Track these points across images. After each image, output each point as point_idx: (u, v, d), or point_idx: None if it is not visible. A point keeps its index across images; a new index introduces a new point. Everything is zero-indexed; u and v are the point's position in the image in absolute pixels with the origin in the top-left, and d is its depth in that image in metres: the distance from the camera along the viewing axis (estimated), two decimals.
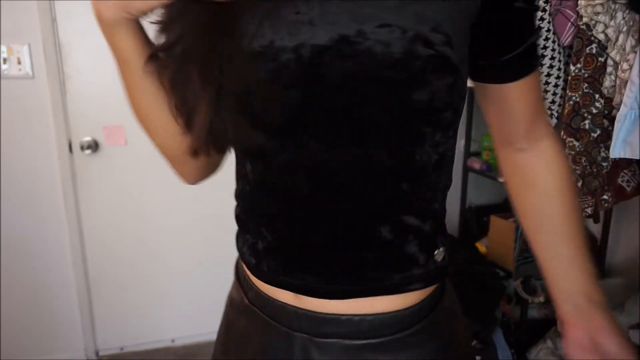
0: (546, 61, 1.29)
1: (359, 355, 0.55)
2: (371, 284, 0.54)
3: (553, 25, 1.26)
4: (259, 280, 0.59)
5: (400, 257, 0.54)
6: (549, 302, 1.84)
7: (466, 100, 2.06)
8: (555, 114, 1.31)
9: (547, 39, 1.28)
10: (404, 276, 0.54)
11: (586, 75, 1.20)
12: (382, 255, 0.53)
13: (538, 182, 0.62)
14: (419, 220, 0.54)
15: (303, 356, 0.56)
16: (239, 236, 0.65)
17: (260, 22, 0.48)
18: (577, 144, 1.24)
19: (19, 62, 2.02)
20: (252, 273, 0.60)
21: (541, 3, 1.27)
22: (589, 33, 1.17)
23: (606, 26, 1.15)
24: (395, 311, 0.55)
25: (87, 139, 2.17)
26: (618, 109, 1.15)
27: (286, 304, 0.57)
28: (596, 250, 1.84)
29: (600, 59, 1.19)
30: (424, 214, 0.54)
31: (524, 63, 0.56)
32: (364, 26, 0.46)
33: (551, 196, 0.62)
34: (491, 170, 2.01)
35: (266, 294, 0.59)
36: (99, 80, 2.13)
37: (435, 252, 0.56)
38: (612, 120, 1.20)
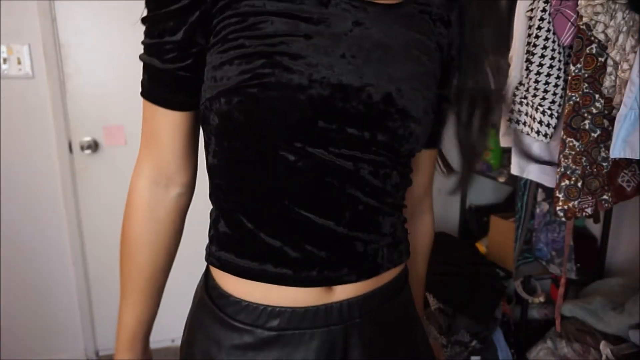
0: (546, 61, 1.29)
1: (387, 317, 0.68)
2: (385, 264, 0.67)
3: (553, 26, 1.26)
4: (301, 288, 0.61)
5: (397, 240, 0.69)
6: (549, 302, 1.84)
7: None
8: (555, 114, 1.31)
9: (547, 39, 1.27)
10: (399, 252, 0.69)
11: (586, 75, 1.20)
12: (389, 241, 0.67)
13: (417, 248, 0.83)
14: (402, 211, 0.70)
15: (343, 345, 0.63)
16: (242, 254, 0.62)
17: (311, 57, 0.54)
18: (577, 144, 1.23)
19: (19, 62, 2.02)
20: (290, 284, 0.61)
21: (541, 3, 1.27)
22: (589, 33, 1.17)
23: (606, 26, 1.15)
24: (397, 275, 0.70)
25: (87, 139, 2.17)
26: (618, 109, 1.15)
27: (328, 303, 0.62)
28: (596, 250, 1.84)
29: (600, 59, 1.19)
30: (403, 205, 0.70)
31: (437, 136, 0.73)
32: (401, 86, 0.58)
33: (422, 259, 0.86)
34: (491, 171, 2.01)
35: (303, 307, 0.61)
36: (99, 80, 2.14)
37: (407, 230, 0.73)
38: (612, 120, 1.20)
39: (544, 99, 1.31)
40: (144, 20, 0.60)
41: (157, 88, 0.61)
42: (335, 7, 0.56)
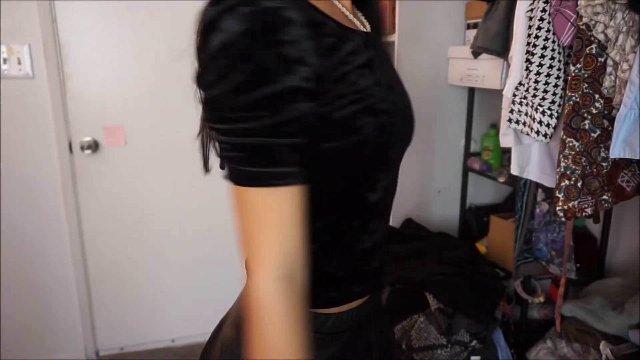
0: (546, 61, 1.29)
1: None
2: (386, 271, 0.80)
3: (553, 26, 1.26)
4: (358, 301, 0.71)
5: None
6: (549, 302, 1.85)
7: (466, 102, 2.05)
8: (556, 114, 1.31)
9: (547, 39, 1.28)
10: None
11: (586, 75, 1.20)
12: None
13: None
14: None
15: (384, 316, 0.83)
16: (336, 281, 0.68)
17: (385, 97, 0.64)
18: (577, 144, 1.23)
19: (19, 62, 2.02)
20: (358, 297, 0.71)
21: (541, 3, 1.27)
22: (589, 33, 1.17)
23: (606, 26, 1.15)
24: None
25: (87, 139, 2.17)
26: (618, 109, 1.15)
27: (363, 303, 0.73)
28: (596, 250, 1.84)
29: (600, 59, 1.19)
30: None
31: None
32: (410, 101, 0.72)
33: None
34: (491, 170, 2.01)
35: (354, 309, 0.71)
36: (99, 80, 2.14)
37: None
38: (612, 120, 1.20)
39: (543, 99, 1.31)
40: (262, 102, 0.51)
41: (286, 166, 0.53)
42: (369, 44, 0.64)
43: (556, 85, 1.30)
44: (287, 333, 0.55)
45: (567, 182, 1.26)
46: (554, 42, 1.27)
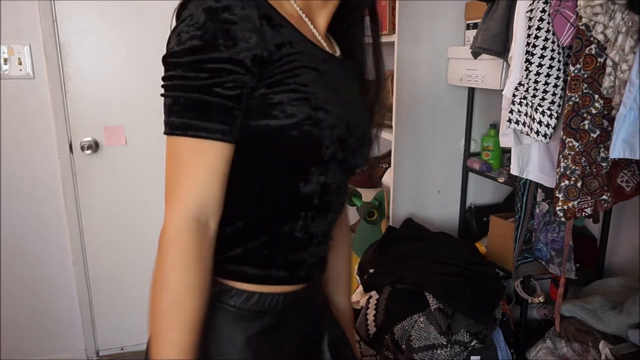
0: (546, 61, 1.29)
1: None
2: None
3: (552, 26, 1.26)
4: (284, 287, 0.75)
5: None
6: (548, 302, 1.85)
7: (466, 102, 2.05)
8: (555, 114, 1.31)
9: (546, 39, 1.28)
10: None
11: (585, 75, 1.20)
12: None
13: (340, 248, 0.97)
14: None
15: (321, 311, 0.88)
16: (281, 265, 0.73)
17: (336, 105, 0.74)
18: (576, 144, 1.24)
19: (20, 63, 2.03)
20: (298, 283, 0.76)
21: (540, 4, 1.28)
22: (588, 34, 1.18)
23: (605, 27, 1.15)
24: None
25: (88, 139, 2.17)
26: (617, 110, 1.15)
27: (292, 292, 0.78)
28: (596, 250, 1.84)
29: (599, 59, 1.19)
30: None
31: None
32: (371, 134, 0.83)
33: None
34: (491, 171, 2.02)
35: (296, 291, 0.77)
36: (99, 80, 2.14)
37: None
38: (611, 120, 1.20)
39: (543, 99, 1.31)
40: (209, 61, 0.61)
41: (215, 122, 0.61)
42: (330, 62, 0.73)
43: (556, 86, 1.30)
44: (189, 270, 0.62)
45: (566, 182, 1.26)
46: (553, 42, 1.28)
